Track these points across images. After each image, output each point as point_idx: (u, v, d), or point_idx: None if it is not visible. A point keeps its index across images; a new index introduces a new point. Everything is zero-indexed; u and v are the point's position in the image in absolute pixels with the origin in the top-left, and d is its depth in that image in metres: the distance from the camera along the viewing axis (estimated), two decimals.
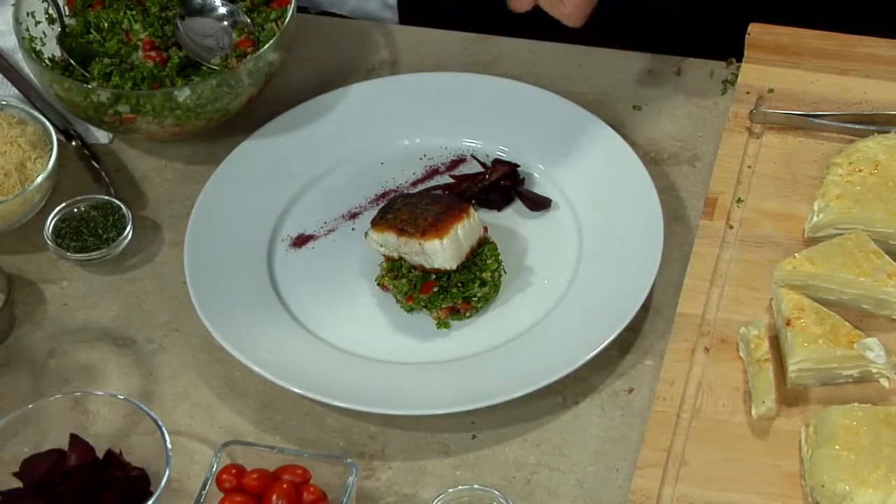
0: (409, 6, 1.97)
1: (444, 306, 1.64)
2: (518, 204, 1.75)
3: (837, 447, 1.45)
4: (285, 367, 1.59)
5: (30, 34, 1.83)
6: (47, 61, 1.83)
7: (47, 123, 1.79)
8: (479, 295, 1.65)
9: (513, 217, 1.75)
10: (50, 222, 1.74)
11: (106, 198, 1.76)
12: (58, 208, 1.75)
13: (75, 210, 1.75)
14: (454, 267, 1.64)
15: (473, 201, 1.73)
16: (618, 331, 1.59)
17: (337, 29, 1.95)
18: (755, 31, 1.87)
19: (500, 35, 1.94)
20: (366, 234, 1.69)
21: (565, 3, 1.64)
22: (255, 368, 1.58)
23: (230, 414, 1.60)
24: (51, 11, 1.85)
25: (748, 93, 1.81)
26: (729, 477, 1.49)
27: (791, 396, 1.54)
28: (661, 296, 1.66)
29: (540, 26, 1.76)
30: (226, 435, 1.58)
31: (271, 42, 1.76)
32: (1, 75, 1.91)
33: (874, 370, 1.54)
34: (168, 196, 1.80)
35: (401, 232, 1.64)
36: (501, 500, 1.47)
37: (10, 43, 1.92)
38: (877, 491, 1.41)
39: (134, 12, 1.83)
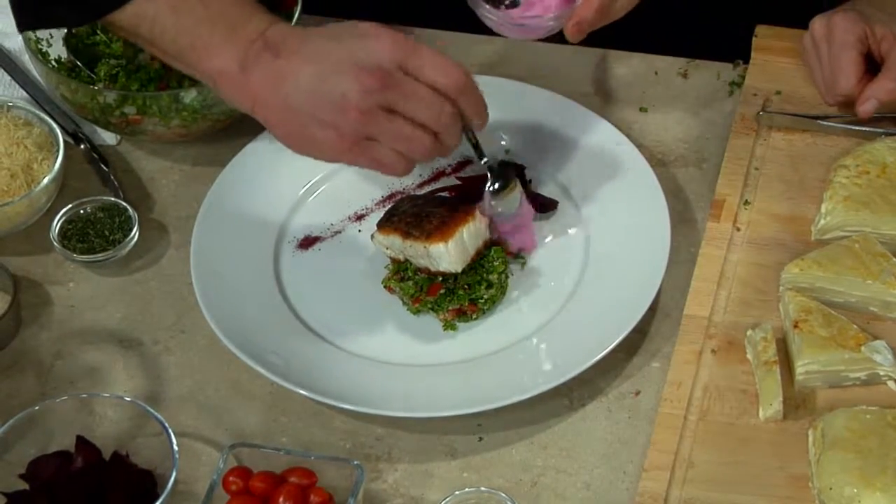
0: (416, 7, 1.97)
1: (450, 308, 1.64)
2: None
3: (845, 450, 1.45)
4: (292, 369, 1.59)
5: (36, 35, 1.82)
6: (53, 62, 1.83)
7: (54, 125, 1.79)
8: (485, 297, 1.64)
9: None
10: (56, 224, 1.74)
11: (112, 199, 1.76)
12: (64, 210, 1.74)
13: (81, 211, 1.75)
14: (459, 270, 1.63)
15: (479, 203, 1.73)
16: (624, 333, 1.59)
17: None
18: (762, 32, 1.87)
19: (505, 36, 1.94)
20: (372, 236, 1.68)
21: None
22: (262, 371, 1.58)
23: (237, 416, 1.60)
24: None
25: (755, 95, 1.81)
26: (736, 479, 1.49)
27: (798, 399, 1.54)
28: (668, 298, 1.66)
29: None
30: (232, 437, 1.58)
31: None
32: (7, 77, 1.91)
33: (882, 373, 1.54)
34: (174, 197, 1.80)
35: (406, 235, 1.64)
36: (508, 502, 1.47)
37: (16, 44, 1.92)
38: (885, 494, 1.41)
39: None
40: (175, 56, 1.56)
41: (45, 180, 1.73)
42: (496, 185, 1.65)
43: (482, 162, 1.64)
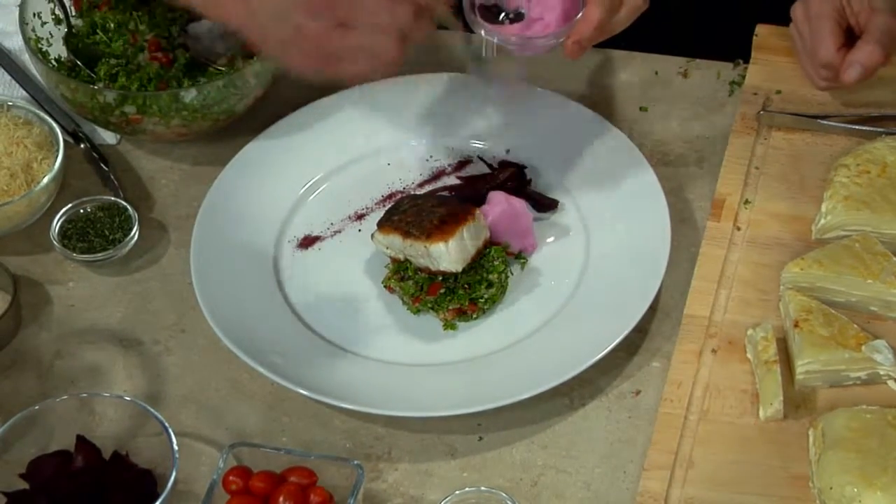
0: None
1: (450, 308, 1.64)
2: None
3: (845, 449, 1.45)
4: (292, 368, 1.59)
5: (36, 35, 1.83)
6: (53, 62, 1.83)
7: (53, 124, 1.79)
8: (485, 296, 1.64)
9: None
10: (56, 223, 1.74)
11: (112, 198, 1.76)
12: (64, 209, 1.74)
13: (81, 211, 1.75)
14: (459, 269, 1.63)
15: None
16: (625, 332, 1.59)
17: None
18: (762, 32, 1.87)
19: None
20: (372, 235, 1.68)
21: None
22: (262, 370, 1.58)
23: (237, 415, 1.60)
24: (57, 12, 1.85)
25: (755, 94, 1.81)
26: (737, 479, 1.48)
27: (799, 398, 1.54)
28: (669, 297, 1.66)
29: None
30: (232, 436, 1.58)
31: None
32: (7, 76, 1.91)
33: (882, 372, 1.54)
34: (174, 197, 1.80)
35: (406, 234, 1.64)
36: (508, 502, 1.47)
37: (16, 43, 1.92)
38: (885, 493, 1.41)
39: (140, 13, 1.83)
40: None
41: (45, 180, 1.73)
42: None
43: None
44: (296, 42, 1.53)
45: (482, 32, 1.63)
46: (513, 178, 1.75)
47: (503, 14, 1.64)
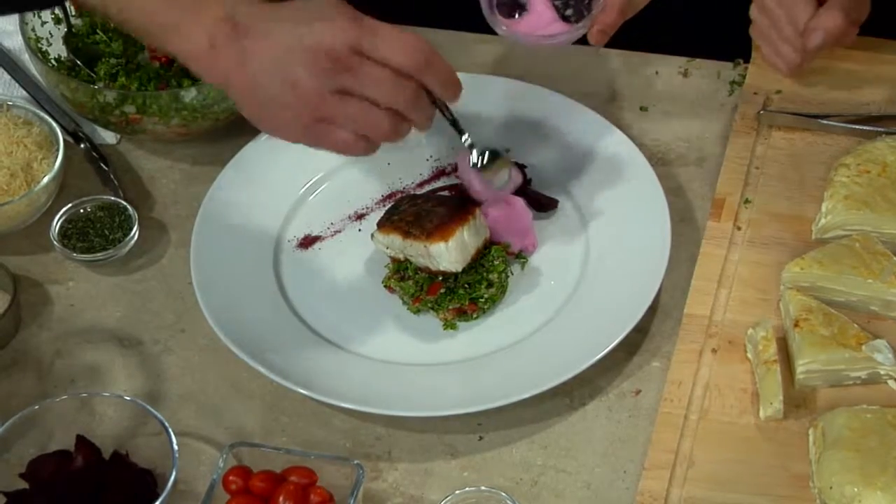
0: (416, 6, 1.97)
1: (450, 307, 1.64)
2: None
3: (845, 449, 1.45)
4: (292, 368, 1.59)
5: (36, 34, 1.83)
6: (53, 62, 1.83)
7: (53, 124, 1.79)
8: (485, 296, 1.64)
9: None
10: (56, 223, 1.74)
11: (112, 198, 1.76)
12: (64, 209, 1.74)
13: (81, 211, 1.75)
14: (459, 269, 1.63)
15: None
16: (625, 332, 1.59)
17: None
18: None
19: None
20: (372, 235, 1.68)
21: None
22: (262, 370, 1.58)
23: (237, 415, 1.60)
24: (57, 12, 1.85)
25: (755, 94, 1.81)
26: (736, 478, 1.48)
27: (799, 398, 1.54)
28: (669, 297, 1.66)
29: None
30: (232, 436, 1.57)
31: None
32: (7, 76, 1.91)
33: (882, 372, 1.54)
34: (174, 196, 1.80)
35: (406, 234, 1.64)
36: (508, 501, 1.47)
37: (16, 43, 1.92)
38: (885, 493, 1.41)
39: None
40: (146, 35, 1.55)
41: (45, 179, 1.73)
42: (483, 160, 1.64)
43: (462, 139, 1.62)
44: (286, 98, 1.48)
45: (501, 31, 1.64)
46: None
47: (520, 9, 1.64)
